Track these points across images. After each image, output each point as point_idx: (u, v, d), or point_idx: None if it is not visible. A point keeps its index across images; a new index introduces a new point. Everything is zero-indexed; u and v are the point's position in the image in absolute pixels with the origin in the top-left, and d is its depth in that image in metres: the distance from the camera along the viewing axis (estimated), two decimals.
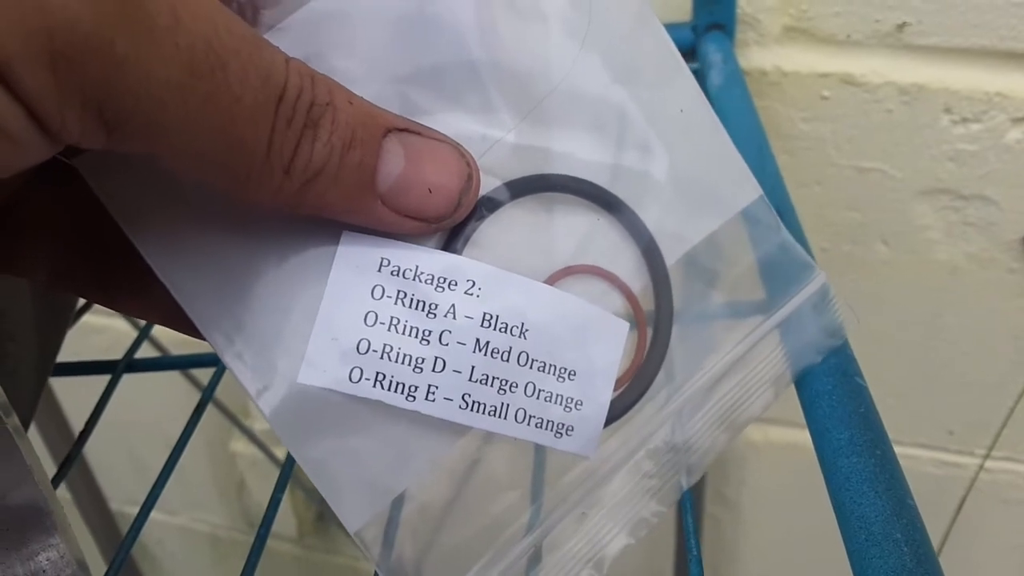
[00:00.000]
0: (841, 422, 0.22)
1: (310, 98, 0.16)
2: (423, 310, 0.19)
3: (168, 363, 0.40)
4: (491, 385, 0.19)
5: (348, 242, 0.18)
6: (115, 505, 0.75)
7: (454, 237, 0.19)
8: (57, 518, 0.19)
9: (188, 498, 0.84)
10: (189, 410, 0.33)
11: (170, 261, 0.18)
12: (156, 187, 0.18)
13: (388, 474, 0.19)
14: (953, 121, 0.45)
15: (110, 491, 0.73)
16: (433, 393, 0.19)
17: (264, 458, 0.73)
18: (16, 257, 0.20)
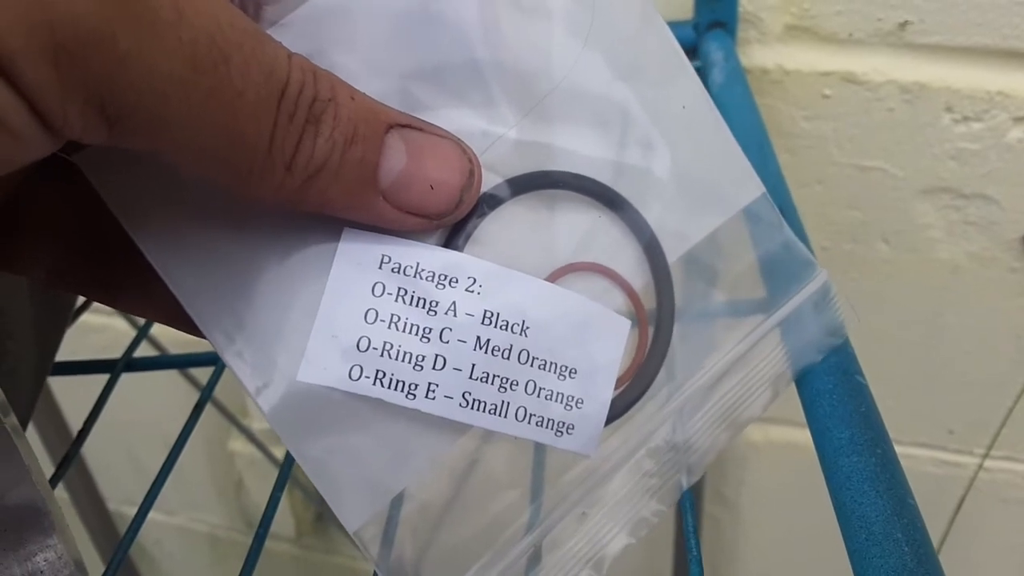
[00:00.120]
0: (842, 421, 0.22)
1: (312, 94, 0.16)
2: (424, 307, 0.19)
3: (167, 362, 0.40)
4: (491, 383, 0.19)
5: (349, 239, 0.18)
6: (113, 505, 0.75)
7: (455, 234, 0.19)
8: (55, 518, 0.19)
9: (186, 498, 0.84)
10: (188, 409, 0.33)
11: (171, 258, 0.18)
12: (157, 184, 0.18)
13: (387, 473, 0.19)
14: (955, 120, 0.45)
15: (108, 491, 0.73)
16: (433, 391, 0.19)
17: (263, 458, 0.73)
18: (16, 254, 0.20)
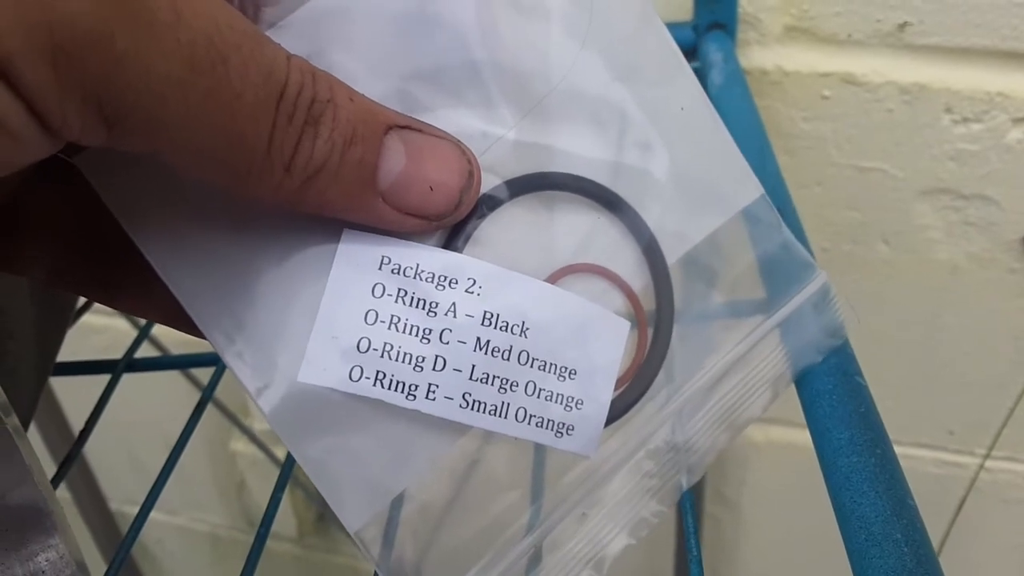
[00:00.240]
0: (841, 422, 0.22)
1: (311, 95, 0.16)
2: (424, 308, 0.19)
3: (168, 363, 0.40)
4: (491, 384, 0.19)
5: (348, 240, 0.18)
6: (115, 505, 0.75)
7: (455, 235, 0.19)
8: (57, 518, 0.19)
9: (188, 498, 0.84)
10: (189, 410, 0.33)
11: (170, 259, 0.18)
12: (157, 185, 0.18)
13: (388, 473, 0.19)
14: (954, 121, 0.45)
15: (110, 491, 0.73)
16: (433, 392, 0.19)
17: (264, 458, 0.73)
18: (16, 255, 0.20)
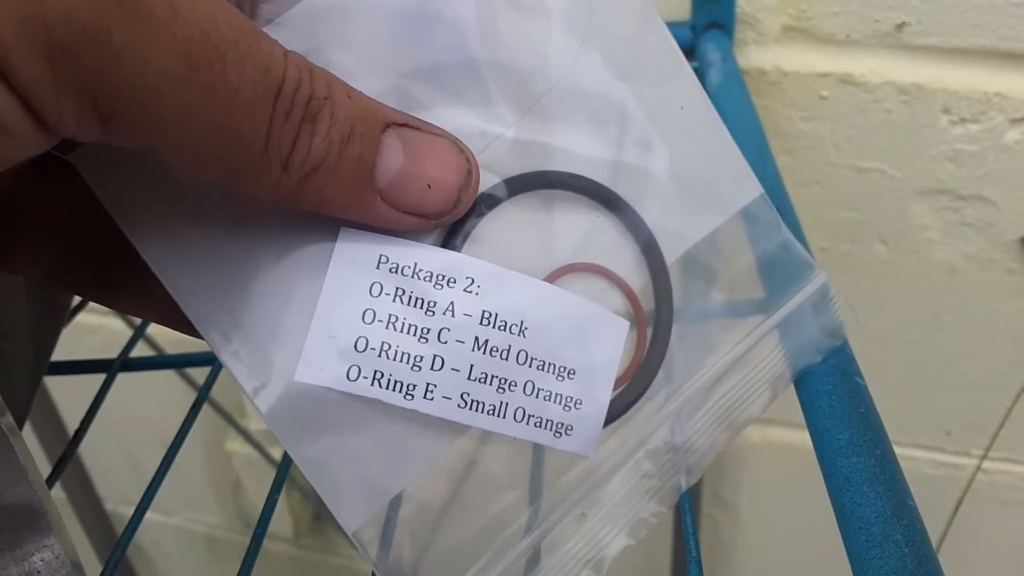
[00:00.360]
0: (841, 422, 0.22)
1: (308, 92, 0.16)
2: (422, 308, 0.19)
3: (163, 362, 0.40)
4: (490, 384, 0.19)
5: (346, 239, 0.18)
6: (110, 505, 0.75)
7: (453, 234, 0.19)
8: (52, 518, 0.19)
9: (184, 498, 0.84)
10: (185, 409, 0.33)
11: (167, 257, 0.18)
12: (153, 183, 0.18)
13: (386, 473, 0.19)
14: (952, 121, 0.45)
15: (105, 491, 0.73)
16: (431, 392, 0.19)
17: (260, 458, 0.73)
18: (11, 253, 0.20)
